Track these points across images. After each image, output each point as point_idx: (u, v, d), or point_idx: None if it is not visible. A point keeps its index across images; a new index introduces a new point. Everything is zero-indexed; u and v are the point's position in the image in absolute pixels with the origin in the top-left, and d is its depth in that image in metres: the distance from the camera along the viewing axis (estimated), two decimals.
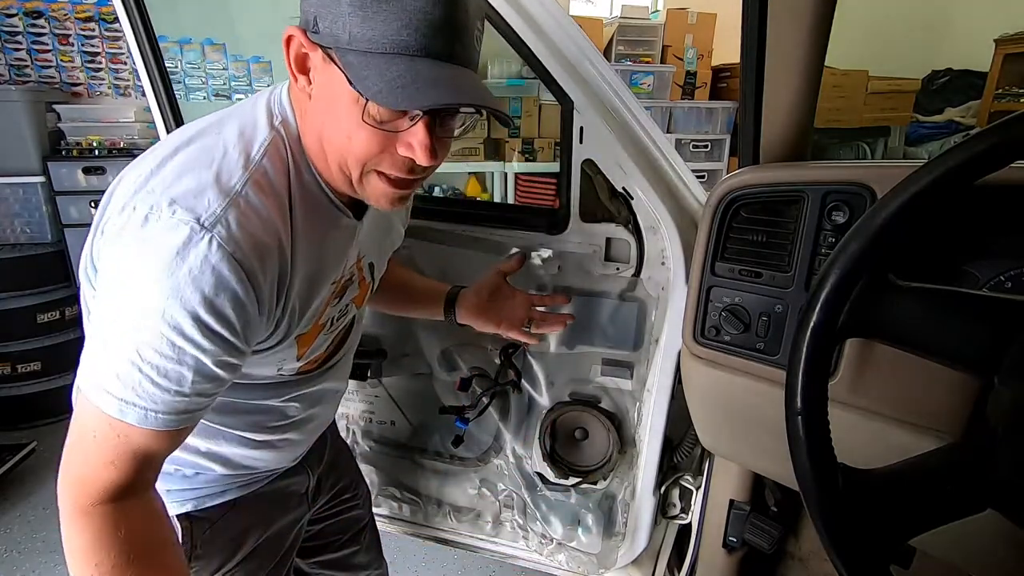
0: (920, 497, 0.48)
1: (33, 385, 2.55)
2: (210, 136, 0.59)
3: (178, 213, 0.52)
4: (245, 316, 0.56)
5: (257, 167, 0.58)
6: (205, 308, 0.53)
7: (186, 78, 2.79)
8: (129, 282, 0.53)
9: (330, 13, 0.51)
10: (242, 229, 0.54)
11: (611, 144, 0.93)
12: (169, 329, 0.53)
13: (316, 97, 0.58)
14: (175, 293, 0.52)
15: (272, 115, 0.62)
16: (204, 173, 0.55)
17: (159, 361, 0.54)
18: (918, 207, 0.45)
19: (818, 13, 0.63)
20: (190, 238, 0.52)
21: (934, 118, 3.51)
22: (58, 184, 2.53)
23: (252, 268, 0.55)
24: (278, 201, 0.59)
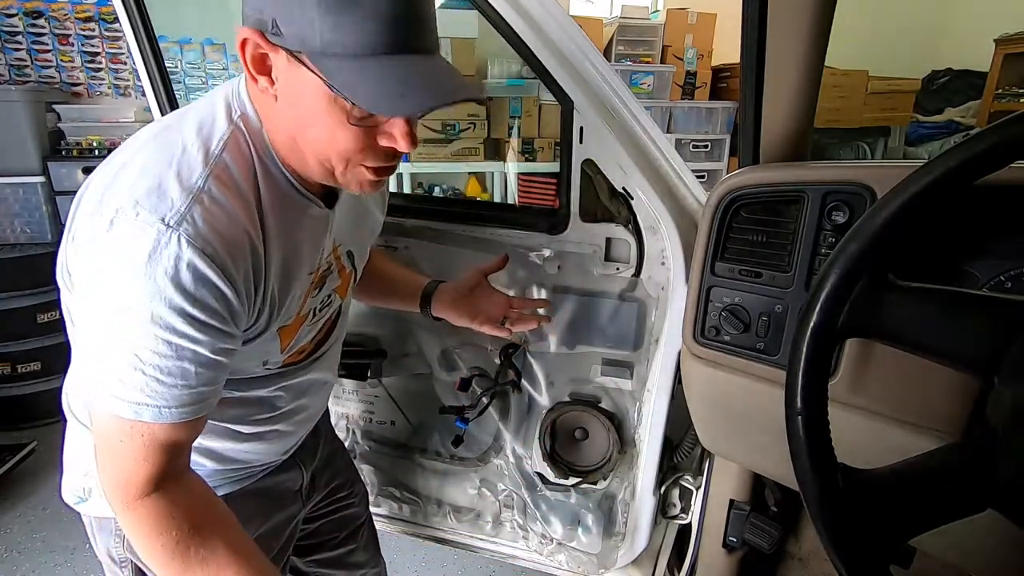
0: (920, 497, 0.48)
1: (33, 385, 2.55)
2: (170, 134, 0.59)
3: (142, 215, 0.53)
4: (228, 305, 0.58)
5: (217, 162, 0.58)
6: (189, 303, 0.54)
7: (186, 78, 2.79)
8: (110, 290, 0.54)
9: (293, 18, 0.51)
10: (207, 225, 0.55)
11: (611, 144, 0.93)
12: (161, 329, 0.54)
13: (284, 97, 0.58)
14: (157, 294, 0.53)
15: (231, 109, 0.62)
16: (164, 172, 0.55)
17: (159, 361, 0.55)
18: (918, 207, 0.45)
19: (818, 13, 0.63)
20: (158, 239, 0.53)
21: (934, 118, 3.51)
22: (58, 184, 2.53)
23: (224, 262, 0.56)
24: (241, 195, 0.59)
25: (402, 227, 1.13)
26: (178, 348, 0.56)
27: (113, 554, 0.77)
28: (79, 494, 0.77)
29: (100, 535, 0.78)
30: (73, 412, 0.77)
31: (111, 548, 0.77)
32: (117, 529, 0.76)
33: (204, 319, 0.56)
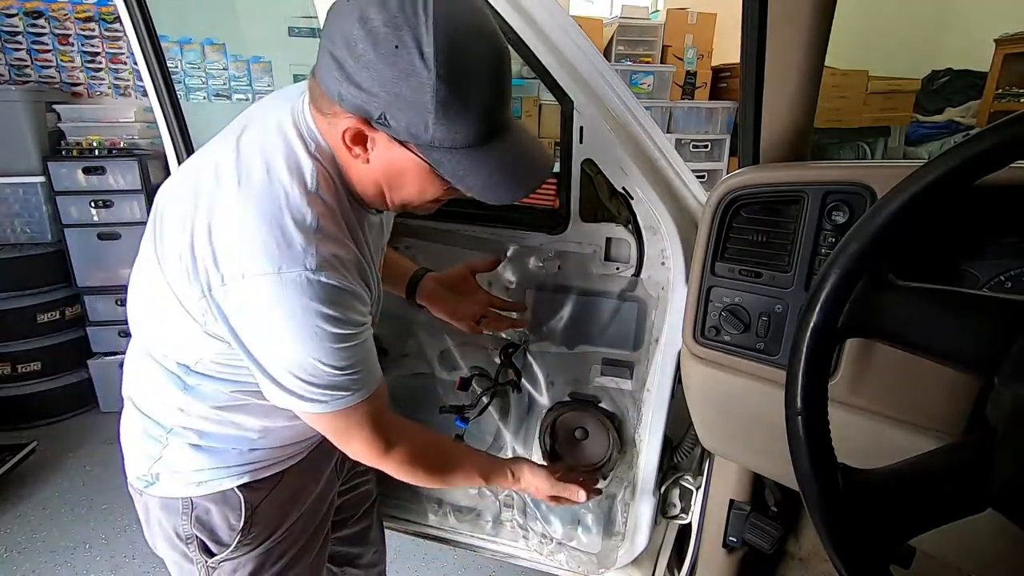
0: (920, 497, 0.48)
1: (33, 385, 2.56)
2: (260, 177, 0.65)
3: (284, 269, 0.62)
4: (363, 301, 0.70)
5: (316, 198, 0.66)
6: (348, 315, 0.66)
7: (186, 78, 2.79)
8: (296, 338, 0.65)
9: (406, 116, 0.58)
10: (334, 257, 0.65)
11: (611, 144, 0.93)
12: (343, 342, 0.67)
13: (379, 166, 0.67)
14: (332, 322, 0.65)
15: (306, 142, 0.68)
16: (282, 221, 0.63)
17: (351, 362, 0.69)
18: (918, 207, 0.45)
19: (818, 13, 0.64)
20: (310, 283, 0.62)
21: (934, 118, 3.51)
22: (58, 184, 2.53)
23: (354, 278, 0.68)
24: (338, 223, 0.68)
25: (404, 226, 1.13)
26: (357, 347, 0.69)
27: (180, 531, 0.84)
28: (147, 479, 0.83)
29: (165, 515, 0.85)
30: (137, 406, 0.83)
31: (178, 526, 0.84)
32: (184, 508, 0.83)
33: (360, 320, 0.69)
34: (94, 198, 2.56)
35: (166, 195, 0.73)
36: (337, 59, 0.58)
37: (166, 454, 0.81)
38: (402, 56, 0.56)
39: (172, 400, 0.78)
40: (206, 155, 0.71)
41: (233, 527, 0.84)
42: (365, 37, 0.56)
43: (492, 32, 0.61)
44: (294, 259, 0.62)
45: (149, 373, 0.79)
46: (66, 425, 2.63)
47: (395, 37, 0.55)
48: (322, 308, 0.63)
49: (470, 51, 0.58)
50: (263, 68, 2.84)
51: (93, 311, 2.67)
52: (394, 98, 0.57)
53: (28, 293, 2.50)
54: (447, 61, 0.56)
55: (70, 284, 2.63)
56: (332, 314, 0.64)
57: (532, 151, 0.68)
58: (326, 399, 0.69)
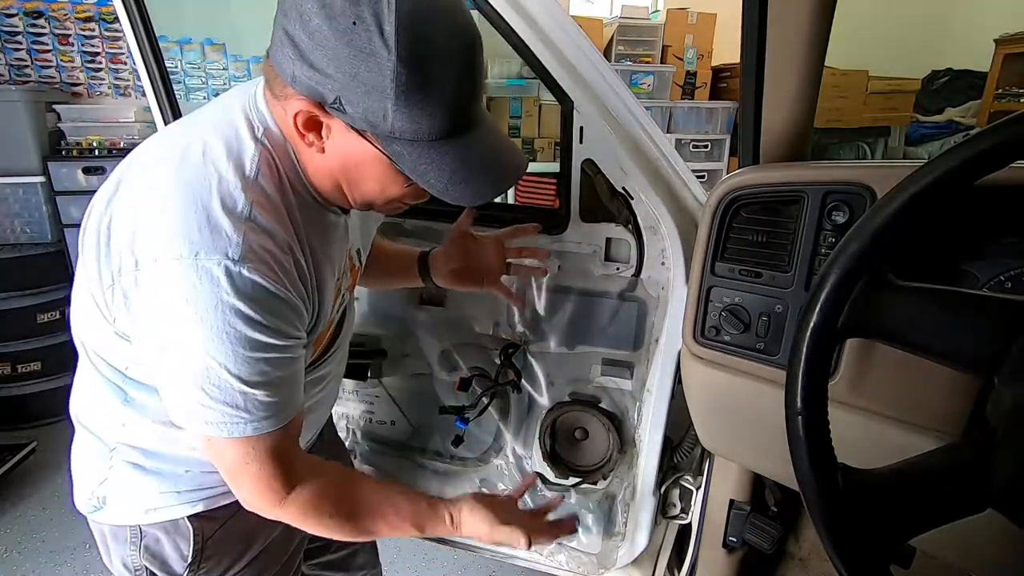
0: (920, 497, 0.48)
1: (33, 385, 2.55)
2: (195, 159, 0.59)
3: (203, 255, 0.55)
4: (295, 310, 0.62)
5: (254, 186, 0.59)
6: (271, 319, 0.58)
7: (186, 78, 2.79)
8: (202, 334, 0.56)
9: (365, 103, 0.53)
10: (263, 250, 0.57)
11: (611, 144, 0.93)
12: (258, 351, 0.58)
13: (335, 156, 0.60)
14: (247, 323, 0.56)
15: (252, 125, 0.62)
16: (209, 204, 0.56)
17: (264, 378, 0.60)
18: (918, 207, 0.45)
19: (818, 13, 0.63)
20: (229, 275, 0.55)
21: (934, 118, 3.51)
22: (58, 184, 2.53)
23: (283, 279, 0.59)
24: (279, 215, 0.61)
25: (402, 227, 1.13)
26: (274, 361, 0.60)
27: (128, 563, 0.77)
28: (93, 503, 0.77)
29: (114, 543, 0.78)
30: (81, 422, 0.77)
31: (126, 557, 0.77)
32: (132, 537, 0.76)
33: (285, 330, 0.60)
34: None
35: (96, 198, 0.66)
36: (290, 35, 0.53)
37: (112, 475, 0.74)
38: (359, 33, 0.50)
39: (114, 413, 0.71)
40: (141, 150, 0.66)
41: (184, 558, 0.76)
42: (320, 11, 0.50)
43: (462, 13, 0.55)
44: (215, 246, 0.55)
45: (91, 385, 0.72)
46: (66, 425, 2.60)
47: (353, 12, 0.50)
48: (239, 305, 0.55)
49: (436, 32, 0.52)
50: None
51: None
52: (350, 80, 0.51)
53: (28, 293, 2.49)
54: (410, 41, 0.50)
55: (70, 284, 2.62)
56: (251, 315, 0.56)
57: (503, 149, 0.62)
58: (224, 420, 0.59)
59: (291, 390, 0.64)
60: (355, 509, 0.73)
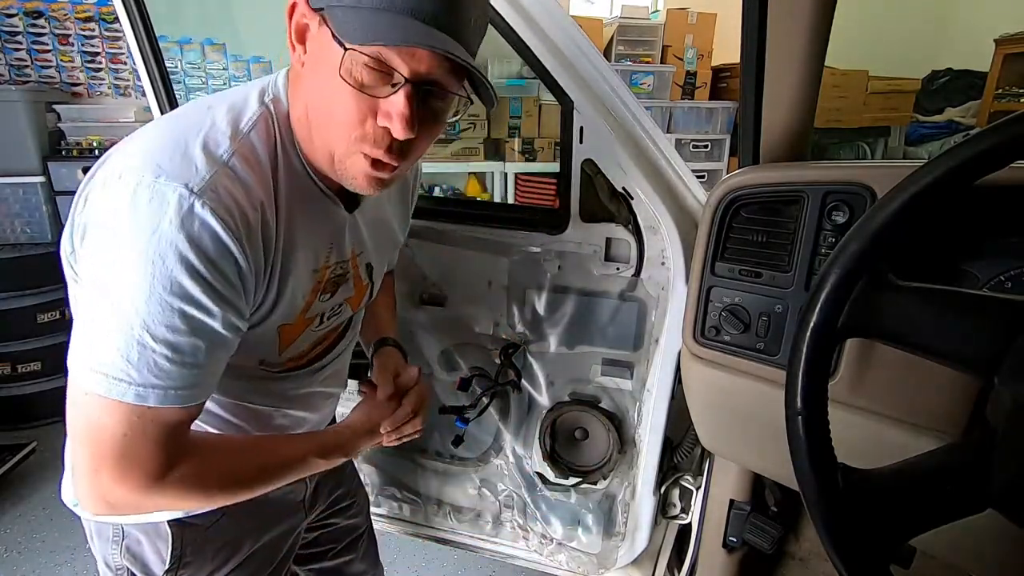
0: (920, 497, 0.48)
1: (33, 385, 2.55)
2: (198, 112, 0.59)
3: (163, 179, 0.51)
4: (242, 277, 0.56)
5: (244, 139, 0.58)
6: (209, 271, 0.53)
7: (186, 78, 2.79)
8: (127, 258, 0.51)
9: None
10: (230, 196, 0.54)
11: (611, 144, 0.93)
12: (177, 299, 0.52)
13: (307, 64, 0.58)
14: (180, 260, 0.51)
15: (264, 93, 0.62)
16: (191, 140, 0.55)
17: (172, 336, 0.53)
18: (918, 207, 0.45)
19: (818, 13, 0.63)
20: (181, 203, 0.51)
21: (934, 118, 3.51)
22: (58, 184, 2.53)
23: (241, 233, 0.55)
24: (261, 174, 0.58)
25: None
26: (193, 321, 0.53)
27: (109, 561, 0.76)
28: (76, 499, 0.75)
29: (97, 541, 0.77)
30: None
31: (108, 555, 0.76)
32: (114, 536, 0.75)
33: (220, 289, 0.54)
34: None
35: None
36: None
37: None
38: None
39: None
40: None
41: (164, 560, 0.75)
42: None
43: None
44: (179, 175, 0.52)
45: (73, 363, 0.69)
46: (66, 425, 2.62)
47: None
48: (181, 241, 0.51)
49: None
50: (263, 68, 2.84)
51: None
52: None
53: (28, 293, 2.49)
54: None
55: None
56: (189, 258, 0.51)
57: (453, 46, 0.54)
58: (108, 370, 0.52)
59: (199, 370, 0.56)
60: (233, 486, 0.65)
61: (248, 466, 0.67)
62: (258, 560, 0.84)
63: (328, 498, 1.00)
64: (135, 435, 0.54)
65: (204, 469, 0.62)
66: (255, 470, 0.68)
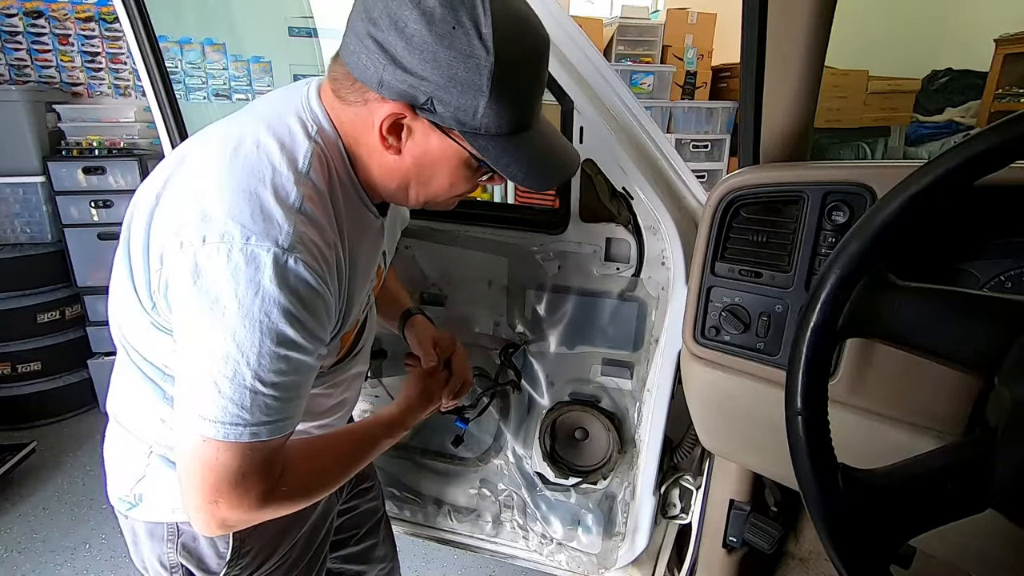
0: (920, 497, 0.48)
1: (33, 385, 2.55)
2: (248, 151, 0.60)
3: (254, 240, 0.55)
4: (328, 311, 0.62)
5: (307, 180, 0.61)
6: (305, 315, 0.58)
7: (186, 78, 2.79)
8: (234, 319, 0.55)
9: (456, 101, 0.57)
10: (312, 243, 0.58)
11: (611, 144, 0.93)
12: (283, 347, 0.57)
13: (413, 156, 0.63)
14: (284, 315, 0.56)
15: (305, 124, 0.64)
16: (262, 192, 0.57)
17: (278, 379, 0.58)
18: (918, 207, 0.45)
19: (818, 13, 0.63)
20: (277, 262, 0.55)
21: (934, 118, 3.51)
22: (58, 184, 2.53)
23: (326, 276, 0.60)
24: (326, 211, 0.62)
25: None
26: (293, 362, 0.59)
27: (164, 560, 0.78)
28: (129, 500, 0.78)
29: (150, 541, 0.79)
30: (119, 419, 0.78)
31: (162, 555, 0.78)
32: (169, 535, 0.77)
33: (315, 330, 0.60)
34: (94, 198, 2.56)
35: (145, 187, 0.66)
36: (380, 42, 0.56)
37: (149, 472, 0.75)
38: (459, 37, 0.54)
39: (152, 411, 0.71)
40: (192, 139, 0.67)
41: (222, 555, 0.77)
42: (419, 18, 0.54)
43: (537, 19, 0.61)
44: (267, 233, 0.55)
45: (130, 382, 0.73)
46: (66, 425, 2.62)
47: (452, 18, 0.54)
48: (280, 294, 0.55)
49: (524, 34, 0.58)
50: (263, 68, 2.84)
51: (93, 311, 2.67)
52: (447, 81, 0.55)
53: (28, 293, 2.49)
54: (504, 43, 0.55)
55: (70, 284, 2.63)
56: (288, 307, 0.56)
57: (561, 140, 0.69)
58: (224, 418, 0.57)
59: (298, 399, 0.63)
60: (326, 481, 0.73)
61: (333, 460, 0.75)
62: (303, 544, 0.88)
63: (351, 481, 1.03)
64: (249, 466, 0.60)
65: (301, 476, 0.68)
66: (339, 462, 0.76)
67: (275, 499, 0.64)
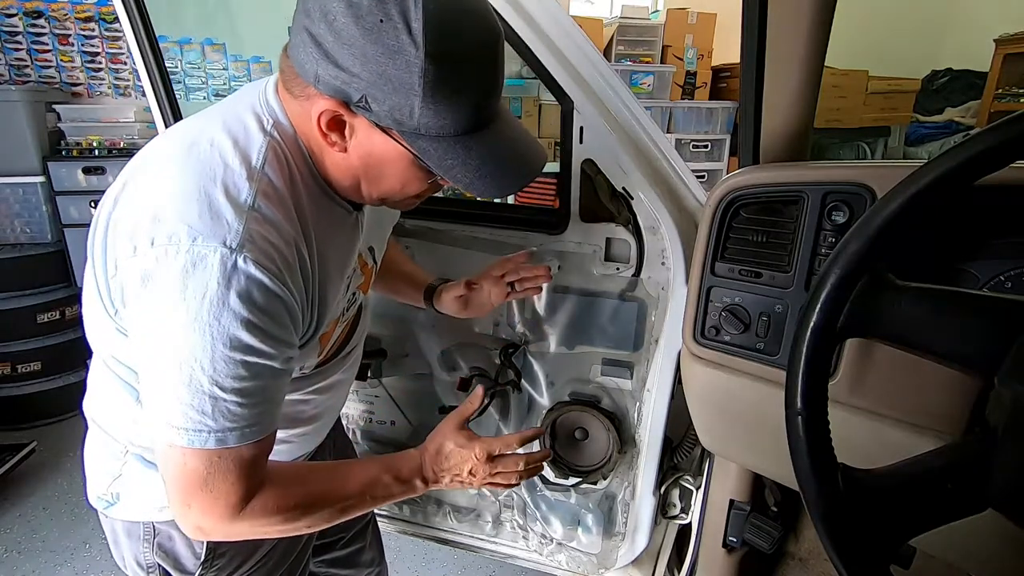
0: (920, 497, 0.48)
1: (33, 385, 2.55)
2: (202, 149, 0.58)
3: (200, 241, 0.53)
4: (291, 314, 0.59)
5: (261, 176, 0.58)
6: (264, 321, 0.55)
7: (186, 78, 2.79)
8: (183, 323, 0.53)
9: (391, 100, 0.53)
10: (265, 241, 0.55)
11: (611, 144, 0.93)
12: (239, 352, 0.55)
13: (358, 154, 0.60)
14: (235, 318, 0.53)
15: (261, 119, 0.61)
16: (212, 191, 0.55)
17: (239, 385, 0.56)
18: (918, 207, 0.45)
19: (818, 13, 0.63)
20: (224, 264, 0.53)
21: (934, 118, 3.51)
22: (58, 184, 2.53)
23: (283, 276, 0.57)
24: (285, 207, 0.59)
25: (403, 227, 1.13)
26: (254, 367, 0.56)
27: (141, 560, 0.78)
28: (107, 499, 0.77)
29: (128, 540, 0.78)
30: (95, 420, 0.77)
31: (139, 554, 0.78)
32: (145, 534, 0.76)
33: (275, 333, 0.57)
34: (94, 198, 2.56)
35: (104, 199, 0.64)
36: (313, 35, 0.52)
37: (125, 471, 0.74)
38: (387, 31, 0.50)
39: (126, 412, 0.71)
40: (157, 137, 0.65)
41: (197, 556, 0.77)
42: (346, 10, 0.50)
43: (487, 11, 0.56)
44: (214, 232, 0.53)
45: (103, 384, 0.72)
46: (66, 425, 2.62)
47: (380, 10, 0.50)
48: (230, 296, 0.53)
49: (462, 28, 0.53)
50: (263, 68, 2.84)
51: None
52: (377, 78, 0.51)
53: (28, 293, 2.49)
54: (437, 38, 0.50)
55: (70, 284, 2.63)
56: (240, 310, 0.53)
57: (524, 142, 0.62)
58: (187, 424, 0.56)
59: (267, 405, 0.60)
60: (311, 510, 0.68)
61: (325, 491, 0.70)
62: (282, 549, 0.86)
63: None
64: (217, 473, 0.59)
65: (283, 497, 0.65)
66: (332, 494, 0.71)
67: (248, 513, 0.62)
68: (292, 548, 0.88)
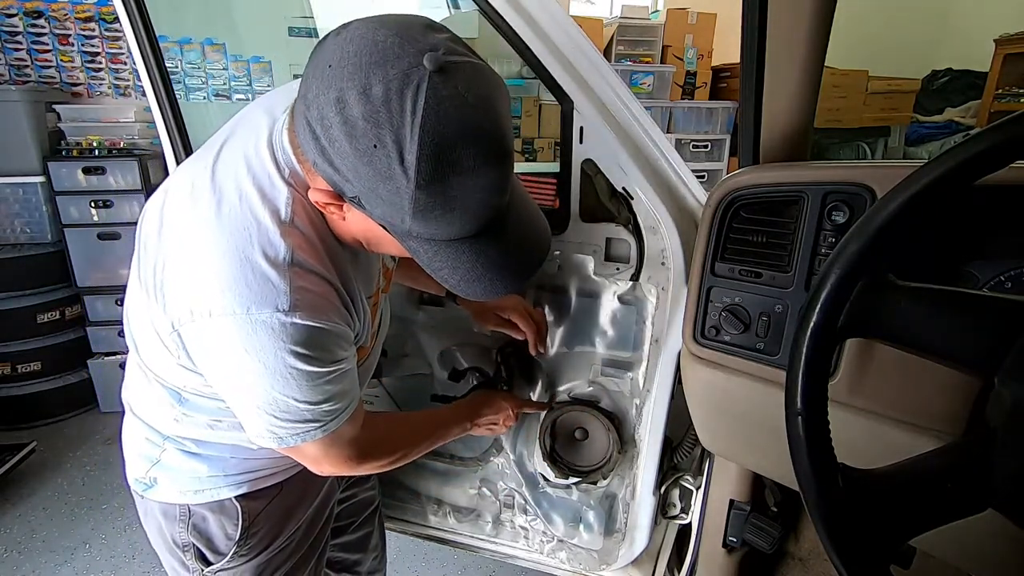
0: (920, 497, 0.48)
1: (33, 385, 2.56)
2: (232, 205, 0.61)
3: (254, 310, 0.57)
4: (347, 337, 0.67)
5: (291, 230, 0.61)
6: (323, 354, 0.63)
7: (186, 78, 2.79)
8: (259, 374, 0.61)
9: (380, 210, 0.53)
10: (311, 293, 0.60)
11: (611, 144, 0.93)
12: (314, 379, 0.63)
13: (356, 226, 0.62)
14: (301, 360, 0.60)
15: (279, 165, 0.63)
16: (252, 256, 0.58)
17: (325, 396, 0.66)
18: (918, 207, 0.45)
19: (818, 13, 0.63)
20: (283, 327, 0.58)
21: (934, 118, 3.51)
22: (58, 184, 2.53)
23: (332, 317, 0.63)
24: (317, 253, 0.63)
25: None
26: (332, 377, 0.65)
27: (177, 539, 0.84)
28: (145, 482, 0.83)
29: (164, 520, 0.84)
30: (134, 411, 0.83)
31: (176, 534, 0.83)
32: (181, 516, 0.82)
33: (340, 355, 0.66)
34: (94, 198, 2.56)
35: (148, 215, 0.68)
36: (312, 130, 0.52)
37: (164, 458, 0.81)
38: (379, 158, 0.49)
39: (168, 412, 0.76)
40: (185, 172, 0.67)
41: (230, 537, 0.83)
42: (342, 125, 0.49)
43: (494, 125, 0.53)
44: (265, 299, 0.57)
45: (145, 383, 0.77)
46: (66, 425, 2.63)
47: (374, 135, 0.48)
48: (296, 349, 0.59)
49: (463, 153, 0.50)
50: (263, 68, 2.84)
51: (93, 311, 2.67)
52: (369, 192, 0.52)
53: (28, 293, 2.50)
54: (431, 170, 0.49)
55: (70, 284, 2.63)
56: (308, 354, 0.61)
57: (524, 243, 0.61)
58: (298, 432, 0.67)
59: (351, 390, 0.70)
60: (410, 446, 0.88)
61: (416, 436, 0.90)
62: (306, 527, 0.93)
63: None
64: (332, 448, 0.72)
65: (386, 446, 0.83)
66: (421, 437, 0.90)
67: (365, 464, 0.78)
68: (314, 525, 0.95)
